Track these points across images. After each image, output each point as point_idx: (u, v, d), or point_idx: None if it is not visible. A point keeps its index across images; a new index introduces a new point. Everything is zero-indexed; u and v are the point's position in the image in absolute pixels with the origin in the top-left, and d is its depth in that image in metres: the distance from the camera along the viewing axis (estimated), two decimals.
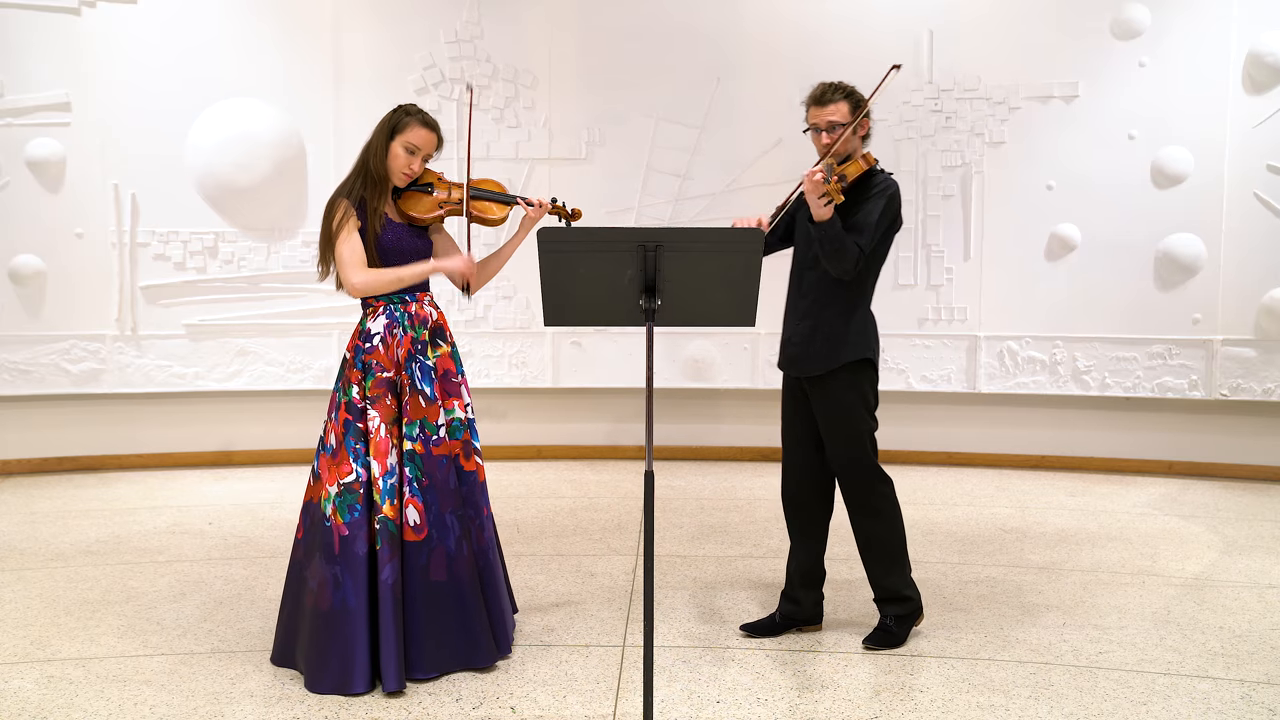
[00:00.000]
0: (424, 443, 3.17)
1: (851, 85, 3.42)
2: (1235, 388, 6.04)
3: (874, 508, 3.42)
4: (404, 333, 3.21)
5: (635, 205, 6.44)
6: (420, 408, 3.18)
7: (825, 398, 3.40)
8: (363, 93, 6.26)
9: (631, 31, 6.39)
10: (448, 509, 3.17)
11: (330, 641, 3.07)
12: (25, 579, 4.15)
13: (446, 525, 3.16)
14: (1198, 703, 3.02)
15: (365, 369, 3.18)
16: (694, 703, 3.01)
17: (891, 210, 3.35)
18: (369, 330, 3.21)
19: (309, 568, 3.16)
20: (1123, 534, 4.89)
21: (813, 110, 3.40)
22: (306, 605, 3.15)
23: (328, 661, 3.06)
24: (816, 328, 3.40)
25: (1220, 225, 6.00)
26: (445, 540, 3.15)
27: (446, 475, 3.18)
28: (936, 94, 6.26)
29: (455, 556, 3.16)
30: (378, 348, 3.18)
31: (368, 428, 3.14)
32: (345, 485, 3.11)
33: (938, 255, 6.33)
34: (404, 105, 3.29)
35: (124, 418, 6.31)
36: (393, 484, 3.11)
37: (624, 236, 2.62)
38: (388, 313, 3.22)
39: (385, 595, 3.05)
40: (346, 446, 3.14)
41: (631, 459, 6.60)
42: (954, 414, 6.48)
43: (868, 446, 3.41)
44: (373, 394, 3.15)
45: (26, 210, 6.05)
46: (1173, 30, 6.01)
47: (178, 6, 6.17)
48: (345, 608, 3.06)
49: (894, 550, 3.44)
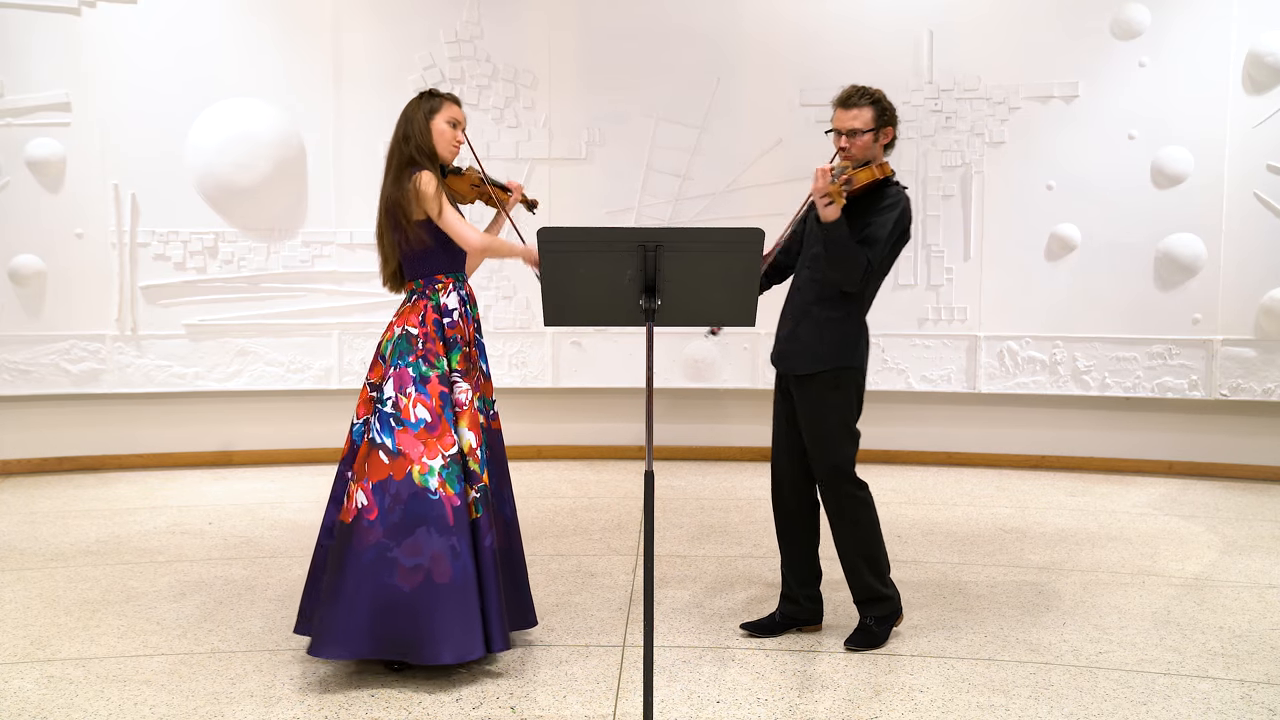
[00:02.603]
0: (486, 418, 3.33)
1: (881, 94, 3.37)
2: (1235, 388, 6.04)
3: (850, 512, 3.42)
4: (470, 310, 3.34)
5: (635, 205, 6.44)
6: (482, 383, 3.35)
7: (807, 399, 3.39)
8: (363, 93, 6.26)
9: (631, 31, 6.39)
10: (502, 484, 3.36)
11: (456, 611, 3.06)
12: (25, 579, 4.15)
13: (504, 497, 3.37)
14: (1198, 703, 3.02)
15: (449, 343, 3.25)
16: (694, 703, 3.01)
17: (902, 224, 3.31)
18: (445, 305, 3.27)
19: (401, 545, 3.06)
20: (1123, 534, 4.89)
21: (838, 113, 3.35)
22: (405, 585, 3.04)
23: (451, 632, 3.05)
24: (806, 327, 3.39)
25: (1220, 225, 6.00)
26: (503, 509, 3.35)
27: (502, 450, 3.39)
28: (936, 94, 6.26)
29: (510, 524, 3.36)
30: (458, 323, 3.27)
31: (459, 400, 3.22)
32: (450, 457, 3.15)
33: (938, 255, 6.33)
34: (423, 91, 3.34)
35: (124, 418, 6.31)
36: (486, 455, 3.25)
37: (624, 236, 2.62)
38: (456, 290, 3.31)
39: (488, 562, 3.16)
40: (446, 418, 3.18)
41: (631, 459, 6.60)
42: (954, 414, 6.48)
43: (846, 453, 3.39)
44: (461, 366, 3.25)
45: (26, 210, 6.05)
46: (1173, 30, 6.02)
47: (178, 6, 6.17)
48: (466, 577, 3.10)
49: (871, 553, 3.44)
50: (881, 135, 3.34)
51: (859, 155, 3.32)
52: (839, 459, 3.38)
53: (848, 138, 3.32)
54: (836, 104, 3.36)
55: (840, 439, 3.38)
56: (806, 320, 3.40)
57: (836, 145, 3.36)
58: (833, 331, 3.36)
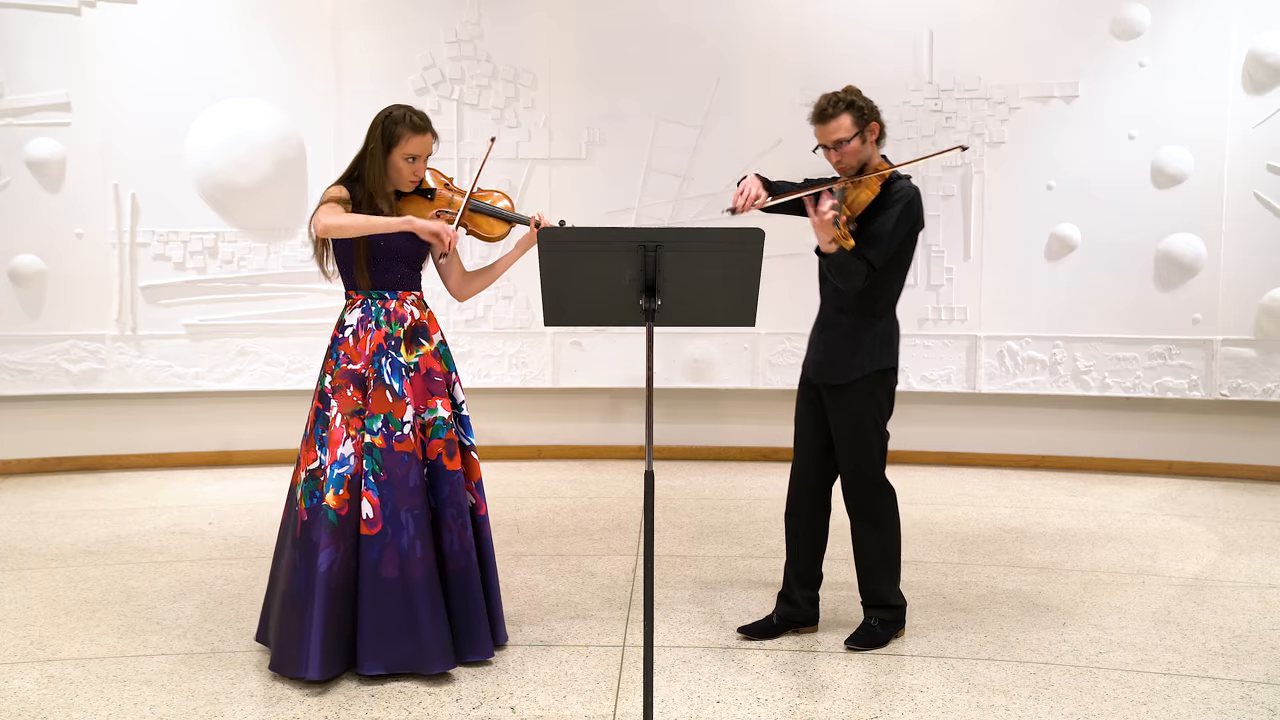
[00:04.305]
0: (385, 438, 3.14)
1: (853, 94, 3.29)
2: (1235, 388, 6.04)
3: (875, 517, 3.41)
4: (377, 327, 3.23)
5: (635, 205, 6.44)
6: (385, 402, 3.16)
7: (841, 407, 3.37)
8: (363, 93, 6.26)
9: (631, 31, 6.39)
10: (404, 506, 3.12)
11: (286, 623, 3.14)
12: (25, 579, 4.15)
13: (401, 523, 3.11)
14: (1198, 703, 3.02)
15: (336, 359, 3.23)
16: (694, 703, 3.01)
17: (910, 216, 3.27)
18: (344, 321, 3.27)
19: (282, 549, 3.26)
20: (1123, 534, 4.89)
21: (817, 129, 3.29)
22: (279, 586, 3.23)
23: (281, 643, 3.15)
24: (835, 336, 3.38)
25: (1220, 225, 6.00)
26: (399, 538, 3.10)
27: (407, 472, 3.13)
28: (936, 94, 6.26)
29: (408, 555, 3.10)
30: (348, 339, 3.23)
31: (330, 418, 3.20)
32: (310, 472, 3.18)
33: (938, 255, 6.33)
34: (392, 112, 3.24)
35: (124, 418, 6.31)
36: (340, 474, 3.11)
37: (624, 236, 2.63)
38: (364, 306, 3.26)
39: (318, 583, 3.06)
40: (315, 434, 3.21)
41: (631, 459, 6.60)
42: (954, 414, 6.48)
43: (877, 458, 3.39)
44: (335, 384, 3.21)
45: (26, 210, 6.05)
46: (1173, 30, 6.01)
47: (178, 6, 6.17)
48: (298, 592, 3.12)
49: (888, 560, 3.44)
50: (868, 134, 3.29)
51: (853, 163, 3.29)
52: (867, 462, 3.37)
53: (836, 151, 3.28)
54: (814, 121, 3.29)
55: (871, 442, 3.37)
56: (835, 330, 3.38)
57: (829, 160, 3.33)
58: (862, 338, 3.34)
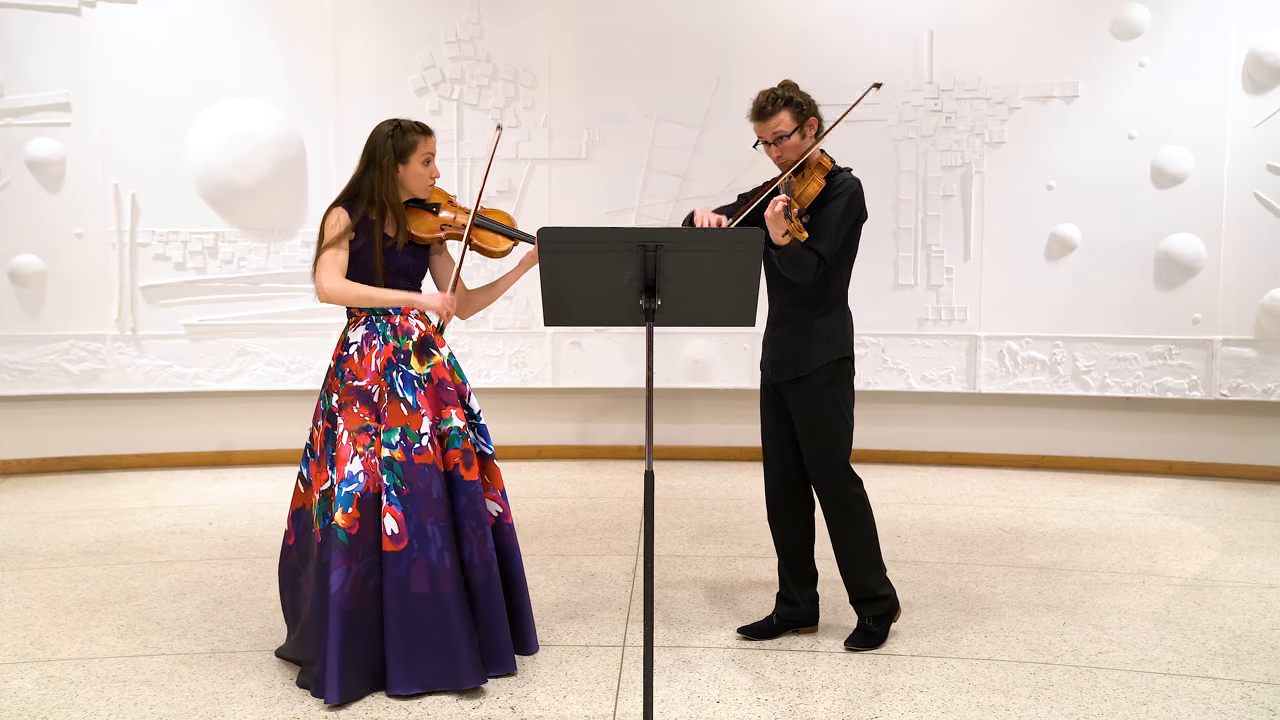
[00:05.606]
0: (405, 450, 3.08)
1: (791, 90, 3.34)
2: (1235, 388, 6.04)
3: (847, 508, 3.41)
4: (384, 343, 3.18)
5: (635, 205, 6.44)
6: (401, 415, 3.11)
7: (803, 399, 3.38)
8: (363, 93, 6.26)
9: (631, 31, 6.39)
10: (429, 519, 3.05)
11: (307, 644, 3.11)
12: (25, 579, 4.15)
13: (428, 535, 3.04)
14: (1198, 703, 3.02)
15: (342, 377, 3.18)
16: (694, 703, 3.01)
17: (854, 209, 3.31)
18: (348, 339, 3.22)
19: (303, 574, 3.19)
20: (1123, 534, 4.89)
21: (756, 126, 3.36)
22: (303, 611, 3.17)
23: (309, 667, 3.10)
24: (789, 331, 3.40)
25: (1220, 225, 6.00)
26: (427, 550, 3.03)
27: (429, 484, 3.07)
28: (936, 94, 6.26)
29: (438, 568, 3.03)
30: (353, 357, 3.18)
31: (338, 437, 3.12)
32: (323, 493, 3.11)
33: (938, 255, 6.33)
34: (400, 123, 3.21)
35: (124, 418, 6.31)
36: (349, 492, 3.02)
37: (624, 236, 2.63)
38: (368, 323, 3.21)
39: (331, 605, 2.96)
40: (326, 454, 3.14)
41: (631, 459, 6.60)
42: (954, 414, 6.48)
43: (843, 446, 3.39)
44: (341, 401, 3.15)
45: (26, 210, 6.05)
46: (1173, 30, 6.01)
47: (178, 6, 6.17)
48: (315, 614, 3.06)
49: (868, 550, 3.44)
50: (806, 129, 3.34)
51: (793, 157, 3.33)
52: (835, 456, 3.38)
53: (776, 146, 3.33)
54: (753, 118, 3.36)
55: (838, 433, 3.37)
56: (788, 325, 3.41)
57: (769, 156, 3.37)
58: (817, 330, 3.36)
